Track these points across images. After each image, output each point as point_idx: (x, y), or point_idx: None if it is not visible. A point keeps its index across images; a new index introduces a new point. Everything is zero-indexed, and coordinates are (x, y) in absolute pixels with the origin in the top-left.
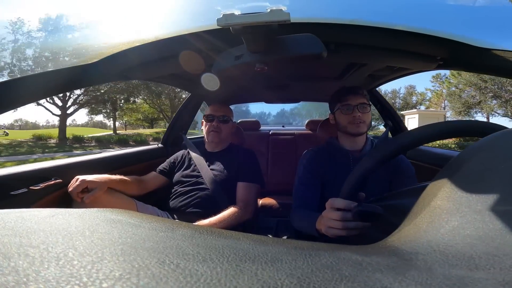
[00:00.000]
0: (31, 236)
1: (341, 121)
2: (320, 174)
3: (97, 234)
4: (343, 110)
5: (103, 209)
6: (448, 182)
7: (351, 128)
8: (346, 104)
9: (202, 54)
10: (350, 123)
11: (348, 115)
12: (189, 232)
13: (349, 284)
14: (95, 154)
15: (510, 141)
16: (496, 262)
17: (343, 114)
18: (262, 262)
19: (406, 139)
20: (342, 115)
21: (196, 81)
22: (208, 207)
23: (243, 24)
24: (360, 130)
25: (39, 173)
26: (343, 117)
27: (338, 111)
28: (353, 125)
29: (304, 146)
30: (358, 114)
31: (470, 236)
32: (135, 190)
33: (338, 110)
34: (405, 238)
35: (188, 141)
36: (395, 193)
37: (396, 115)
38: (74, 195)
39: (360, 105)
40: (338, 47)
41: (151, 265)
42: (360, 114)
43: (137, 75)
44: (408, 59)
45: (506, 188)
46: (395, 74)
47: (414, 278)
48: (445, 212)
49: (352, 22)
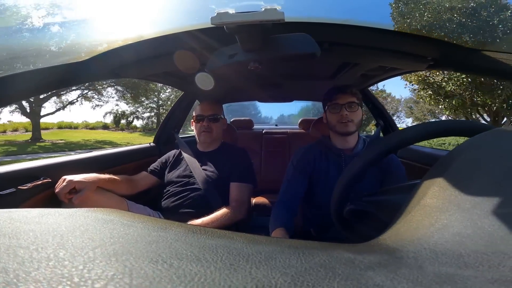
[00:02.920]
0: (20, 237)
1: (330, 120)
2: (309, 172)
3: (88, 234)
4: (331, 109)
5: (93, 209)
6: (438, 180)
7: (339, 127)
8: (335, 103)
9: (196, 53)
10: (338, 122)
11: (336, 114)
12: (182, 232)
13: (342, 282)
14: (85, 153)
15: (498, 140)
16: (484, 260)
17: (332, 113)
18: (256, 261)
19: (397, 139)
20: (331, 114)
21: (189, 80)
22: (200, 207)
23: (237, 22)
24: (348, 129)
25: (28, 172)
26: (332, 116)
27: (327, 110)
28: (341, 124)
29: (297, 145)
30: (345, 113)
31: (459, 234)
32: (126, 189)
33: (327, 109)
34: (396, 236)
35: (180, 140)
36: (385, 189)
37: (388, 115)
38: (62, 196)
39: (348, 104)
40: (331, 47)
41: (144, 265)
42: (347, 113)
43: (129, 73)
44: (399, 59)
45: (494, 186)
46: (387, 74)
47: (405, 276)
48: (434, 210)
49: (346, 22)
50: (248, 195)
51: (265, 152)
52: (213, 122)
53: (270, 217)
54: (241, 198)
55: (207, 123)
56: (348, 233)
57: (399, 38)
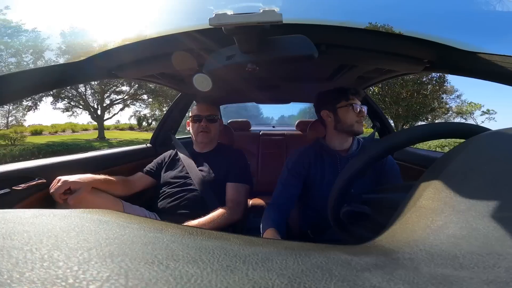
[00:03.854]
0: (14, 237)
1: (346, 120)
2: (304, 175)
3: (83, 235)
4: (349, 108)
5: (88, 210)
6: (433, 182)
7: (357, 127)
8: (353, 103)
9: (194, 54)
10: (357, 122)
11: (354, 114)
12: (179, 233)
13: (339, 283)
14: (80, 154)
15: (493, 143)
16: (479, 261)
17: (348, 113)
18: (253, 263)
19: (394, 140)
20: (347, 114)
21: (187, 81)
22: (197, 208)
23: (235, 24)
24: (362, 130)
25: (22, 173)
26: (348, 116)
27: (344, 108)
28: (359, 124)
29: (294, 147)
30: (363, 113)
31: (455, 236)
32: (121, 190)
33: (344, 107)
34: (392, 237)
35: (176, 141)
36: (382, 188)
37: (384, 117)
38: (57, 196)
39: (362, 105)
40: (328, 49)
41: (139, 266)
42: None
43: (126, 73)
44: (395, 61)
45: (489, 188)
46: (383, 76)
47: (402, 277)
48: (430, 212)
49: (343, 24)
50: (245, 195)
51: (262, 153)
52: (210, 123)
53: (262, 218)
54: (238, 198)
55: (205, 123)
56: (344, 234)
57: (395, 41)
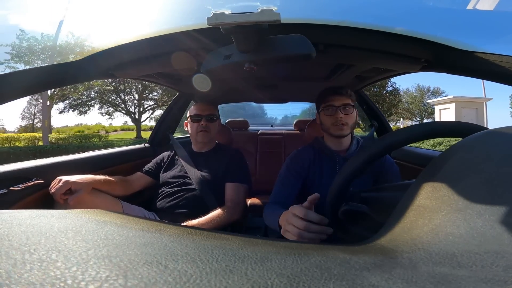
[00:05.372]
0: (12, 238)
1: (324, 122)
2: (303, 175)
3: (81, 236)
4: (326, 111)
5: (87, 210)
6: (431, 181)
7: (333, 130)
8: (330, 105)
9: (191, 53)
10: (333, 125)
11: (331, 117)
12: (177, 233)
13: (338, 282)
14: (78, 154)
15: (490, 141)
16: (477, 260)
17: (326, 115)
18: (252, 262)
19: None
20: (325, 116)
21: (185, 80)
22: (196, 208)
23: (233, 23)
24: (343, 133)
25: (20, 173)
26: (326, 118)
27: (322, 111)
28: (335, 127)
29: (292, 146)
30: (340, 116)
31: (452, 234)
32: (120, 190)
33: (322, 110)
34: (390, 237)
35: (175, 141)
36: (380, 187)
37: (382, 116)
38: (57, 196)
39: (343, 106)
40: (326, 48)
41: (138, 266)
42: (342, 116)
43: (124, 73)
44: (393, 60)
45: (485, 187)
46: (381, 75)
47: (400, 276)
48: (427, 210)
49: (341, 23)
50: (243, 195)
51: (260, 153)
52: (210, 122)
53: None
54: (236, 198)
55: (205, 123)
56: (343, 234)
57: (393, 40)
